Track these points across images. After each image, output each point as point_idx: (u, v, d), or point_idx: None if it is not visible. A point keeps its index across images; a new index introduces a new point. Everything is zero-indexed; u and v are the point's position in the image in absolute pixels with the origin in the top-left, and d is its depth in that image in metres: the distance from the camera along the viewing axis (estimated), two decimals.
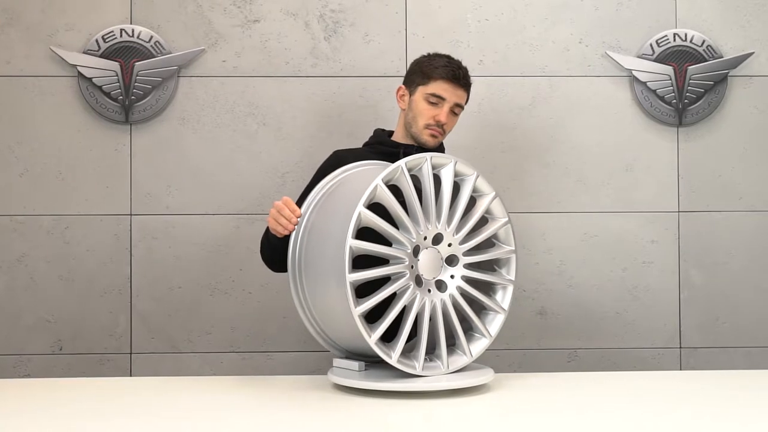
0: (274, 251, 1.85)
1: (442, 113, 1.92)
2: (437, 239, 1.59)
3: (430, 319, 1.54)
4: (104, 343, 2.48)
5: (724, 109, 2.56)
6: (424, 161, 1.53)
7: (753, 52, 2.54)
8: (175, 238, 2.49)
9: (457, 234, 1.60)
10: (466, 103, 2.00)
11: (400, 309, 1.51)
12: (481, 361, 2.49)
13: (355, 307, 1.46)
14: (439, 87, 1.92)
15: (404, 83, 2.01)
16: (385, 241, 1.55)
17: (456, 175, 1.60)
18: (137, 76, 2.47)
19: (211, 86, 2.51)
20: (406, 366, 1.54)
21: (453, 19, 2.54)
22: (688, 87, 2.52)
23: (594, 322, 2.54)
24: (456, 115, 1.97)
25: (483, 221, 1.69)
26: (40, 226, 2.48)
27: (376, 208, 1.54)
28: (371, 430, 1.34)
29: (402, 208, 1.52)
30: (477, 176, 1.63)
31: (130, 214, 2.49)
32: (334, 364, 1.70)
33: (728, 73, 2.53)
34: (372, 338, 1.47)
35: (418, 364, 1.52)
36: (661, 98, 2.52)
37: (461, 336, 1.56)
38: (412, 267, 1.53)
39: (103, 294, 2.48)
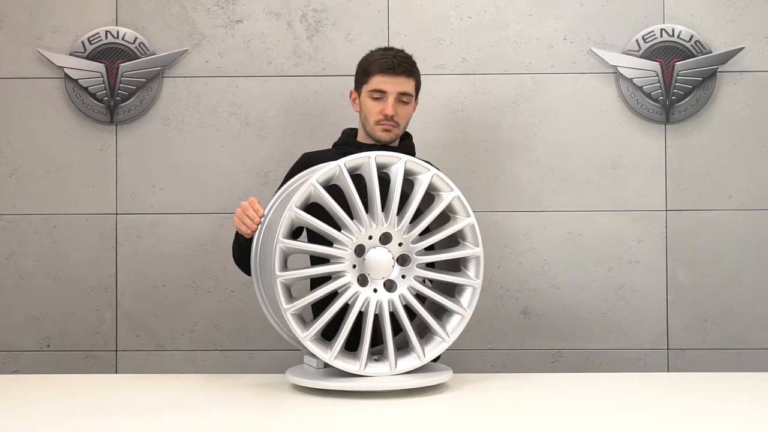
0: (243, 252, 1.87)
1: (388, 106, 1.89)
2: (387, 238, 1.56)
3: (377, 319, 1.53)
4: (90, 341, 2.52)
5: (713, 106, 2.50)
6: (366, 160, 1.51)
7: (743, 47, 2.48)
8: (159, 236, 2.52)
9: (409, 233, 1.57)
10: (416, 89, 1.95)
11: (339, 307, 1.51)
12: (462, 360, 2.49)
13: (285, 305, 1.46)
14: (378, 81, 1.90)
15: (354, 87, 2.00)
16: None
17: (410, 174, 1.58)
18: (122, 77, 2.51)
19: (195, 86, 2.53)
20: (346, 364, 1.52)
21: (435, 17, 2.53)
22: (676, 83, 2.47)
23: (579, 323, 2.50)
24: (406, 104, 1.92)
25: (449, 220, 1.66)
26: (29, 225, 2.52)
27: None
28: (324, 429, 1.35)
29: (341, 208, 1.51)
30: (432, 174, 1.59)
31: (116, 213, 2.53)
32: (304, 361, 1.71)
33: (717, 68, 2.48)
34: (306, 335, 1.48)
35: (359, 363, 1.51)
36: (648, 95, 2.48)
37: (412, 337, 1.54)
38: (354, 266, 1.52)
39: (90, 292, 2.52)
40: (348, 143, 2.00)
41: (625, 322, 2.50)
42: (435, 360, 1.96)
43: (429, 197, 1.62)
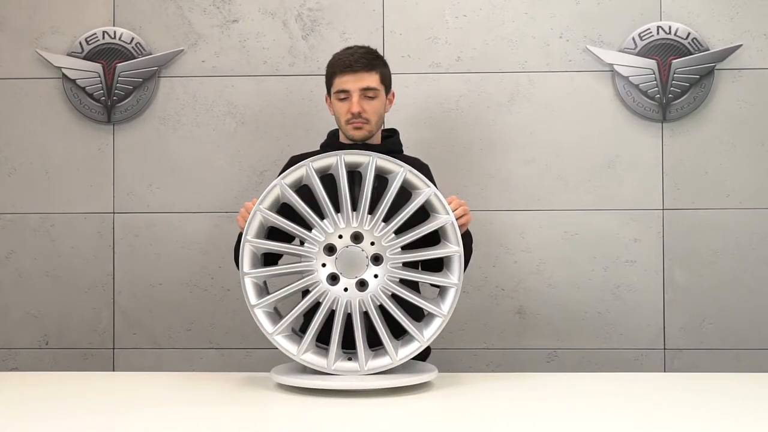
0: None
1: (353, 104, 1.88)
2: (360, 237, 1.54)
3: (350, 318, 1.52)
4: (88, 338, 2.54)
5: (711, 104, 2.48)
6: (335, 159, 1.51)
7: (741, 44, 2.46)
8: (156, 235, 2.54)
9: (381, 232, 1.53)
10: (383, 81, 1.92)
11: (307, 305, 1.52)
12: (458, 360, 2.48)
13: (253, 302, 1.51)
14: (340, 82, 1.90)
15: (326, 93, 2.00)
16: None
17: (386, 172, 1.55)
18: (119, 77, 2.52)
19: (191, 86, 2.54)
20: (315, 361, 1.52)
21: (430, 16, 2.52)
22: (673, 81, 2.45)
23: (574, 322, 2.49)
24: (372, 98, 1.90)
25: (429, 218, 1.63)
26: (27, 224, 2.55)
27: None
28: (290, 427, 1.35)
29: (308, 208, 1.51)
30: (404, 172, 1.54)
31: (113, 213, 2.55)
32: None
33: (715, 66, 2.45)
34: (273, 331, 1.51)
35: (328, 361, 1.51)
36: (644, 93, 2.46)
37: (384, 337, 1.52)
38: (324, 265, 1.51)
39: (87, 290, 2.54)
40: (332, 144, 2.01)
41: (621, 322, 2.48)
42: (424, 359, 1.95)
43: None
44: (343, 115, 1.91)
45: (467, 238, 1.88)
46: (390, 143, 2.00)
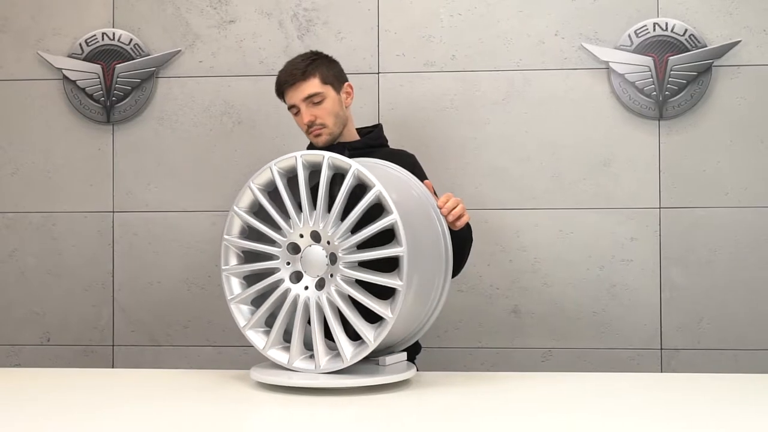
0: None
1: (304, 115, 1.93)
2: (319, 237, 1.55)
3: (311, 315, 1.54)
4: (89, 336, 2.59)
5: (709, 101, 2.45)
6: (294, 160, 1.54)
7: (740, 41, 2.42)
8: (154, 234, 2.57)
9: (335, 231, 1.52)
10: (325, 81, 1.93)
11: (272, 302, 1.55)
12: (452, 359, 2.49)
13: (229, 297, 1.57)
14: (287, 99, 1.96)
15: None
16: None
17: (343, 170, 1.54)
18: (118, 77, 2.56)
19: (188, 86, 2.57)
20: (278, 357, 1.55)
21: (425, 14, 2.52)
22: (669, 78, 2.43)
23: (570, 322, 2.48)
24: (318, 103, 1.92)
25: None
26: (30, 223, 2.60)
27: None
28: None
29: (273, 208, 1.55)
30: (355, 170, 1.51)
31: (113, 211, 2.59)
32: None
33: (713, 62, 2.42)
34: (244, 325, 1.54)
35: (289, 359, 1.53)
36: (641, 90, 2.44)
37: (338, 336, 1.51)
38: (288, 263, 1.54)
39: (88, 288, 2.59)
40: (312, 148, 2.04)
41: (617, 322, 2.47)
42: (412, 358, 1.95)
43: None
44: (302, 127, 1.98)
45: (467, 233, 1.88)
46: (369, 138, 2.01)
